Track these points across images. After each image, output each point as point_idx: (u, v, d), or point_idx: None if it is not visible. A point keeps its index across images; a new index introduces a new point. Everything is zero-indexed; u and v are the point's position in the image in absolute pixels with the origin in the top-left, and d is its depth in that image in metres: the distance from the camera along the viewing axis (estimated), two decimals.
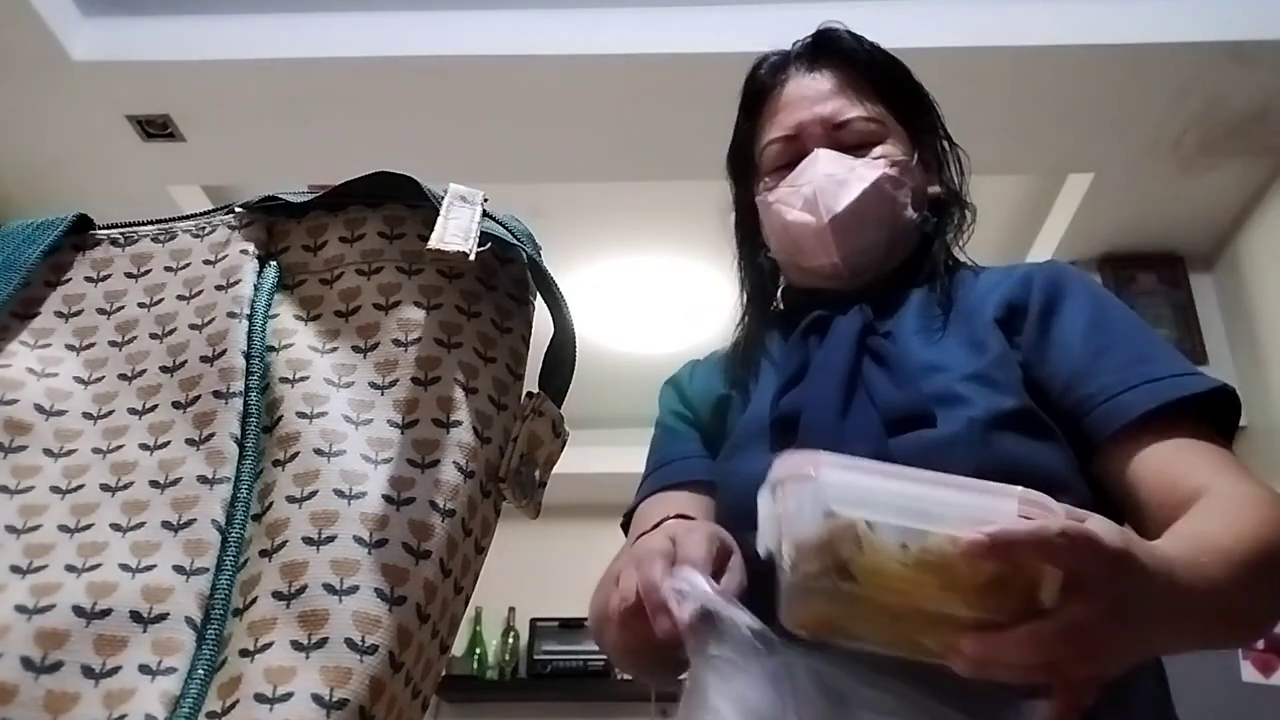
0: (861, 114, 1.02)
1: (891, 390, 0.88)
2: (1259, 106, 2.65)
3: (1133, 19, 2.49)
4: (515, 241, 0.55)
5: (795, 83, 1.05)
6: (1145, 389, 0.84)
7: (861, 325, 0.94)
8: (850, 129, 1.01)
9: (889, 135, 1.02)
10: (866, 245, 0.99)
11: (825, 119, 1.01)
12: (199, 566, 0.45)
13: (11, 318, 0.54)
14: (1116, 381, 0.85)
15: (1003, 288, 0.96)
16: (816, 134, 1.01)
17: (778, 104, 1.05)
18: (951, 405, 0.85)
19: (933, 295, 0.98)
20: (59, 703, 0.41)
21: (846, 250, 0.98)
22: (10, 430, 0.49)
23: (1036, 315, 0.92)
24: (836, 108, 1.02)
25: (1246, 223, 3.09)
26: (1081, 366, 0.88)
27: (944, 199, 1.06)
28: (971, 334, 0.92)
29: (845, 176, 0.98)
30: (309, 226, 0.58)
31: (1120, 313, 0.95)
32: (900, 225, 1.01)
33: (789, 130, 1.03)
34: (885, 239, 1.00)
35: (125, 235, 0.58)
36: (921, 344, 0.93)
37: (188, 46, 2.53)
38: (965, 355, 0.90)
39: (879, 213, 0.99)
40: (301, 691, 0.41)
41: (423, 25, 2.55)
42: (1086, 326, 0.91)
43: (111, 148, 2.74)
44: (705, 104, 2.60)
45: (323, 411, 0.50)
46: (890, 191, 0.99)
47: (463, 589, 0.50)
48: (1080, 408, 0.86)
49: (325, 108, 2.65)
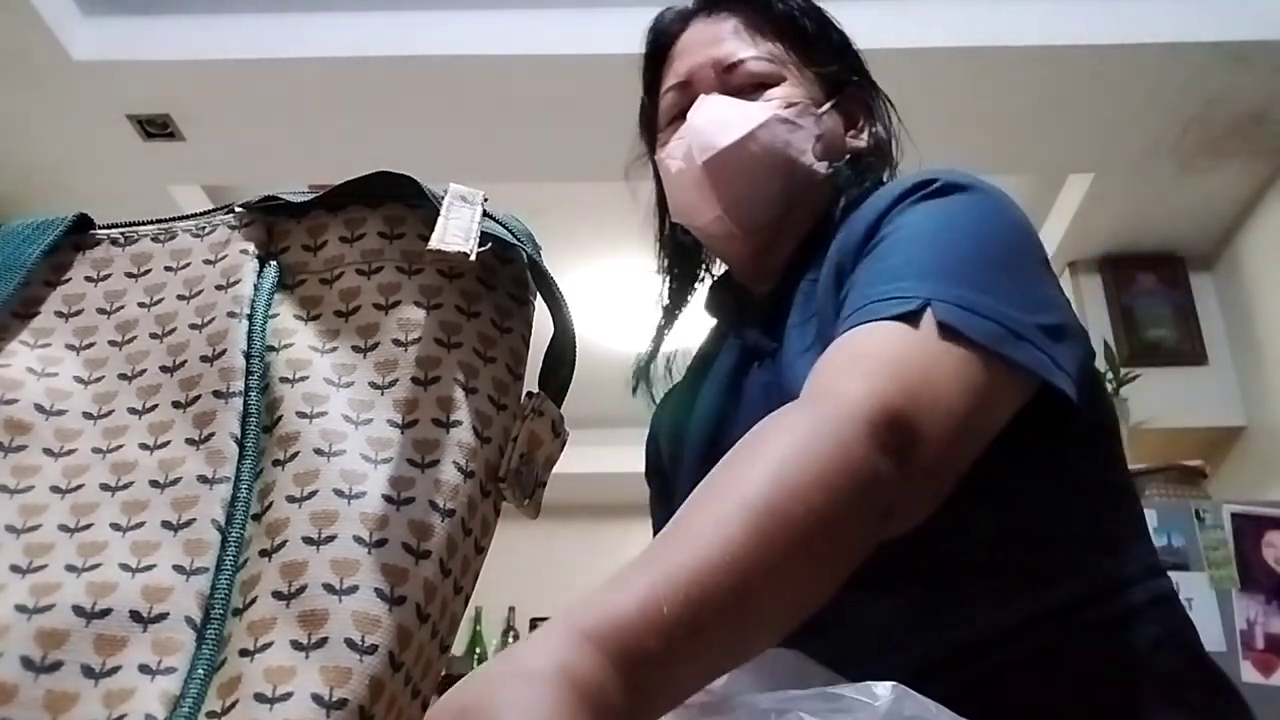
0: (755, 54, 0.93)
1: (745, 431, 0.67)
2: (1259, 107, 2.65)
3: (1133, 19, 2.49)
4: (515, 241, 0.55)
5: (693, 29, 0.98)
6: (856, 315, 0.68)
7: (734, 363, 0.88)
8: (742, 70, 0.92)
9: (789, 78, 0.93)
10: (755, 195, 0.88)
11: (717, 61, 0.93)
12: (199, 566, 0.45)
13: (11, 317, 0.54)
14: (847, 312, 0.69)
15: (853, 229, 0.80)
16: (708, 78, 0.93)
17: (675, 52, 0.98)
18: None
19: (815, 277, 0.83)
20: (59, 702, 0.41)
21: (729, 199, 0.88)
22: (10, 430, 0.49)
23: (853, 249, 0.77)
24: (730, 49, 0.93)
25: (1246, 223, 3.09)
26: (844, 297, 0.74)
27: (865, 154, 0.95)
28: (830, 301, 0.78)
29: (727, 119, 0.89)
30: (309, 226, 0.58)
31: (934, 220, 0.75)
32: (800, 174, 0.89)
33: (681, 77, 0.95)
34: (779, 189, 0.89)
35: (125, 235, 0.58)
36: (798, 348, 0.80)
37: (188, 46, 2.54)
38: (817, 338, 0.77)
39: (768, 158, 0.88)
40: (301, 691, 0.41)
41: (423, 25, 2.55)
42: (878, 247, 0.75)
43: (111, 148, 2.74)
44: None
45: (323, 411, 0.50)
46: (783, 134, 0.89)
47: (463, 589, 0.50)
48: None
49: (325, 108, 2.65)
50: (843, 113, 0.96)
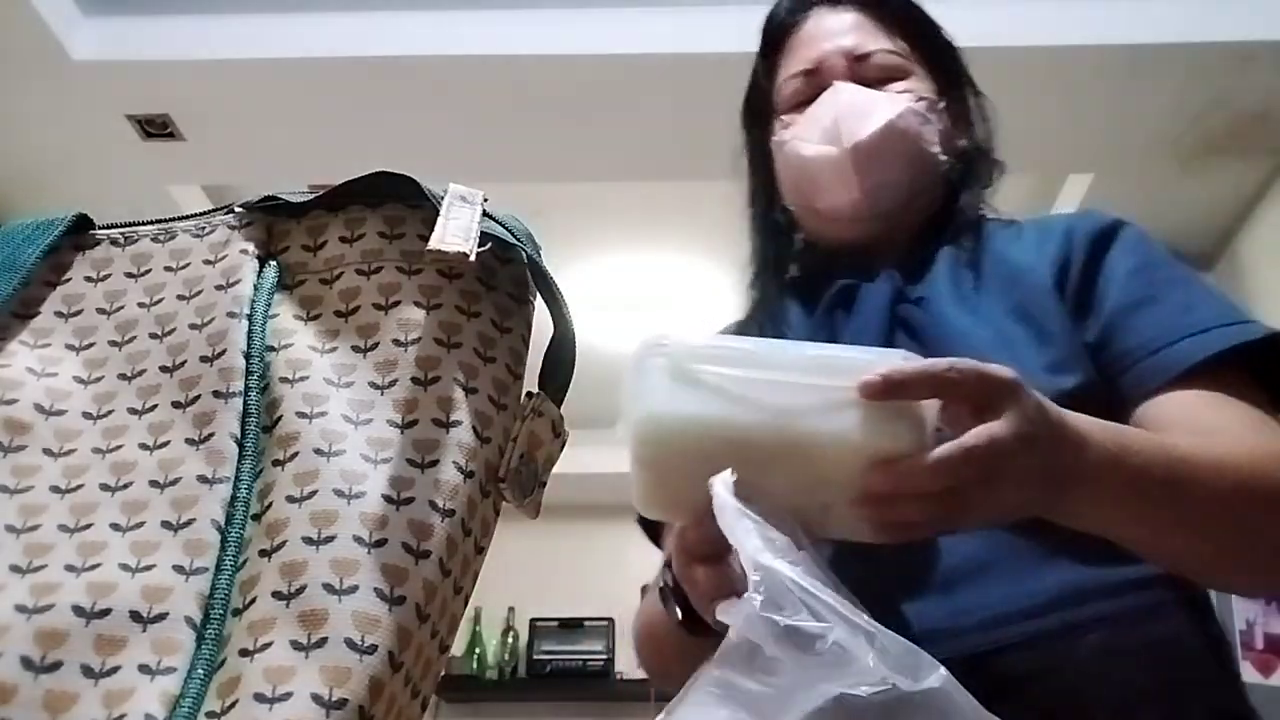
0: (886, 47, 0.97)
1: None
2: (1259, 107, 2.65)
3: (1133, 19, 2.49)
4: (515, 241, 0.55)
5: (816, 18, 1.00)
6: (1190, 342, 0.77)
7: (891, 294, 0.88)
8: (873, 62, 0.96)
9: (913, 73, 0.97)
10: (890, 181, 0.93)
11: (847, 51, 0.96)
12: (198, 566, 0.45)
13: (11, 317, 0.54)
14: (1158, 335, 0.78)
15: (1051, 245, 0.89)
16: (838, 67, 0.96)
17: (798, 39, 1.00)
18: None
19: (962, 253, 0.92)
20: (58, 702, 0.41)
21: (869, 184, 0.92)
22: (10, 430, 0.49)
23: (1079, 269, 0.86)
24: (859, 40, 0.97)
25: (1246, 223, 3.10)
26: (1119, 319, 0.81)
27: (972, 153, 1.00)
28: (1020, 301, 0.85)
29: (869, 107, 0.93)
30: (309, 226, 0.58)
31: (1164, 258, 0.86)
32: (926, 166, 0.94)
33: (809, 64, 0.97)
34: (909, 178, 0.94)
35: (125, 235, 0.58)
36: (957, 309, 0.87)
37: (188, 46, 2.54)
38: (1014, 326, 0.84)
39: (904, 146, 0.92)
40: (301, 691, 0.41)
41: (423, 25, 2.55)
42: (1127, 275, 0.84)
43: (111, 148, 2.74)
44: (706, 104, 2.60)
45: (322, 411, 0.50)
46: (916, 126, 0.93)
47: (462, 589, 0.50)
48: (1118, 364, 0.80)
49: (325, 108, 2.65)
50: (950, 113, 1.00)
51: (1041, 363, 0.80)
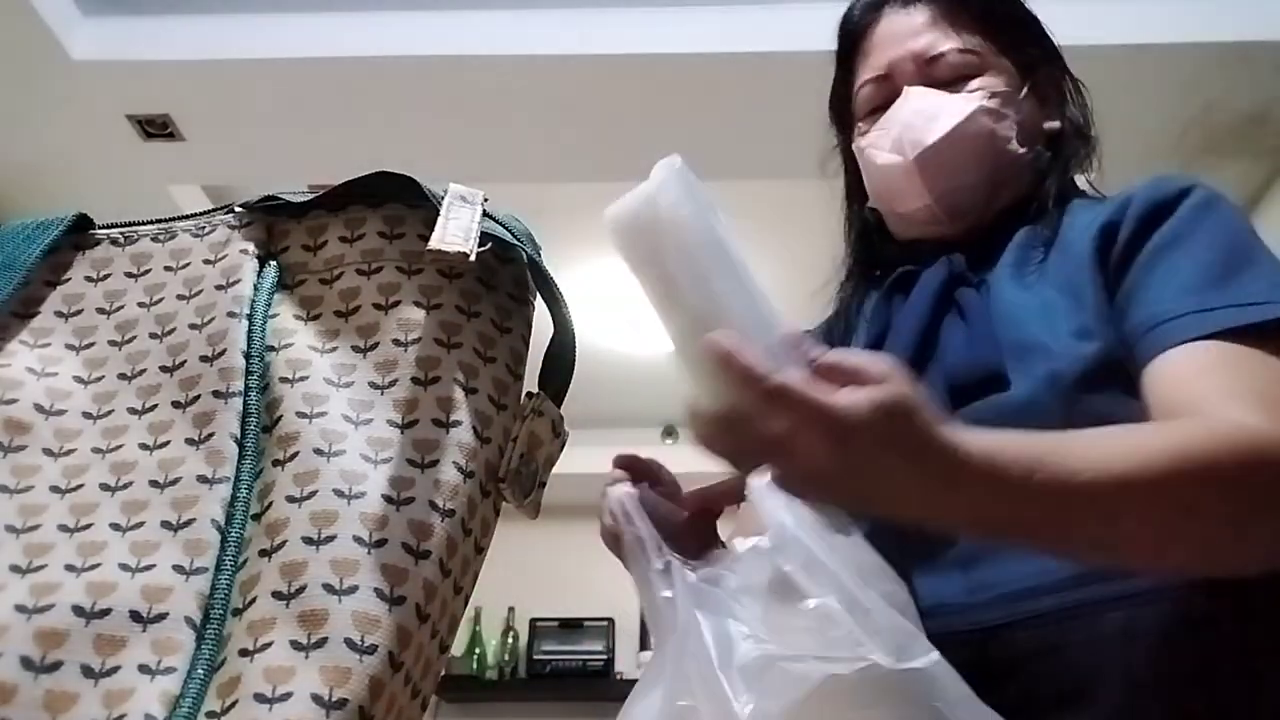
0: (956, 45, 0.96)
1: (962, 350, 0.81)
2: (1259, 107, 2.65)
3: (1133, 19, 2.49)
4: (515, 241, 0.55)
5: (887, 20, 1.00)
6: (1191, 319, 0.73)
7: (946, 277, 0.87)
8: (944, 63, 0.95)
9: (989, 68, 0.96)
10: (963, 184, 0.93)
11: (917, 54, 0.96)
12: (198, 566, 0.45)
13: (11, 317, 0.54)
14: (1166, 309, 0.75)
15: (1104, 212, 0.86)
16: (909, 71, 0.96)
17: (870, 44, 1.00)
18: (1029, 356, 0.78)
19: (1037, 230, 0.90)
20: (58, 702, 0.41)
21: (939, 190, 0.92)
22: (10, 430, 0.49)
23: (1125, 240, 0.82)
24: (929, 41, 0.96)
25: None
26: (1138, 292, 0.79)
27: (1064, 133, 0.98)
28: (1067, 269, 0.84)
29: (935, 111, 0.93)
30: (309, 226, 0.58)
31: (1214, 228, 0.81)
32: (1005, 161, 0.94)
33: (880, 70, 0.98)
34: (985, 177, 0.93)
35: (125, 235, 0.58)
36: (1014, 285, 0.86)
37: (188, 46, 2.53)
38: (1060, 296, 0.82)
39: (975, 147, 0.92)
40: (301, 691, 0.41)
41: (423, 25, 2.55)
42: (1162, 246, 0.80)
43: (111, 148, 2.74)
44: (706, 104, 2.61)
45: (322, 411, 0.50)
46: (989, 124, 0.93)
47: (462, 589, 0.50)
48: (1129, 340, 0.77)
49: (325, 108, 2.65)
50: (1037, 96, 0.98)
51: (1071, 328, 0.79)
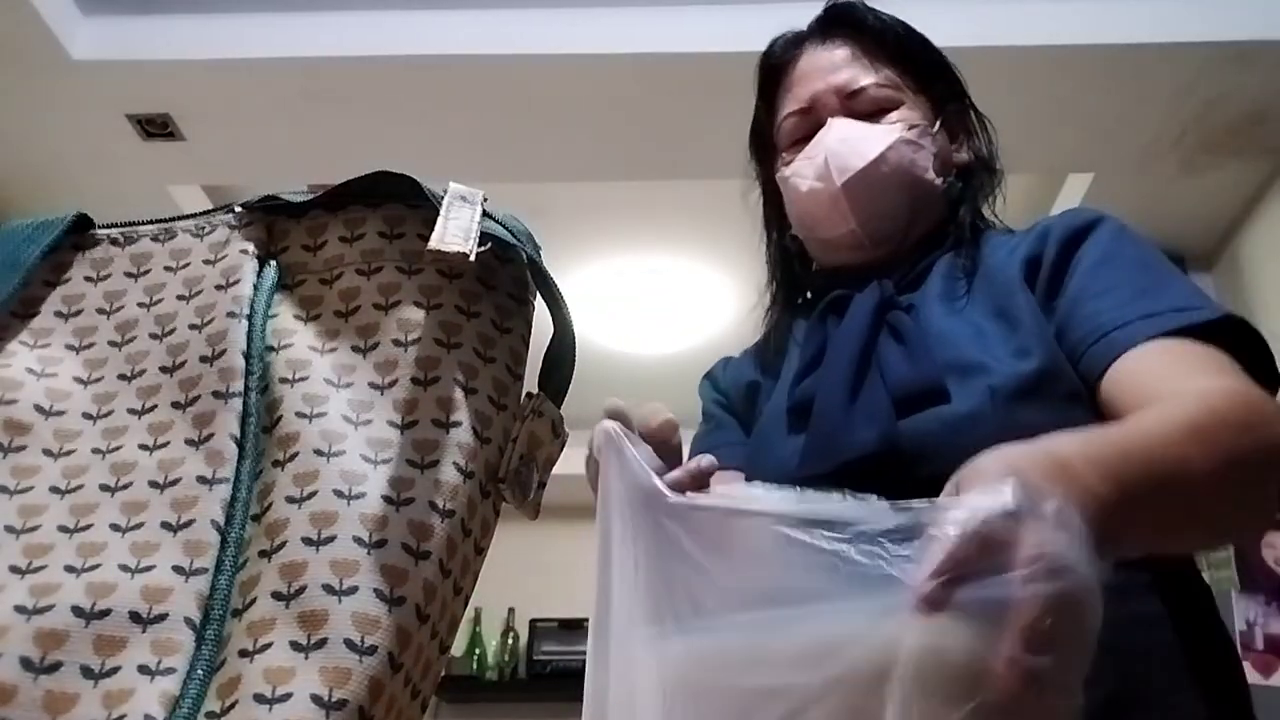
0: (876, 80, 1.00)
1: (904, 365, 0.85)
2: (1259, 107, 2.65)
3: (1133, 19, 2.49)
4: (515, 241, 0.54)
5: (809, 56, 1.03)
6: (1140, 324, 0.78)
7: (878, 300, 0.91)
8: (865, 96, 0.99)
9: (905, 102, 1.00)
10: (885, 210, 0.97)
11: (839, 88, 1.00)
12: (198, 567, 0.45)
13: (11, 317, 0.54)
14: (1111, 319, 0.80)
15: (1025, 244, 0.92)
16: (831, 104, 1.00)
17: (792, 79, 1.04)
18: (969, 375, 0.81)
19: (958, 260, 0.95)
20: (58, 703, 0.41)
21: (863, 215, 0.96)
22: (10, 430, 0.49)
23: (1050, 264, 0.88)
24: (850, 76, 1.00)
25: (1246, 223, 3.09)
26: (1078, 308, 0.83)
27: (972, 166, 1.03)
28: (996, 298, 0.88)
29: (860, 140, 0.96)
30: (309, 226, 0.58)
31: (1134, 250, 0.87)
32: (922, 190, 0.98)
33: (803, 103, 1.01)
34: (906, 204, 0.97)
35: (125, 235, 0.58)
36: (943, 311, 0.90)
37: (188, 46, 2.53)
38: (991, 323, 0.87)
39: (897, 177, 0.96)
40: (300, 692, 0.41)
41: (424, 25, 2.54)
42: (1092, 266, 0.85)
43: (111, 148, 2.74)
44: (706, 103, 2.60)
45: (322, 412, 0.50)
46: (909, 154, 0.97)
47: (462, 589, 0.50)
48: (1075, 351, 0.81)
49: (325, 108, 2.65)
50: (948, 130, 1.04)
51: (1009, 350, 0.83)
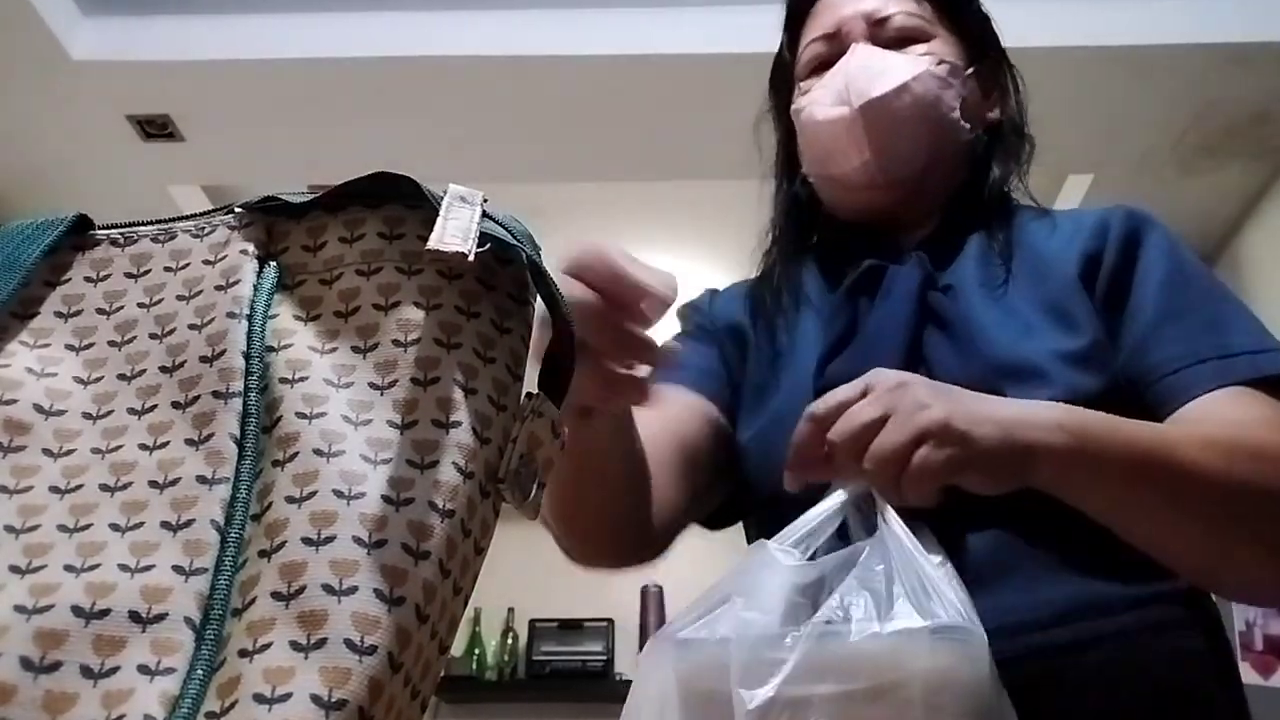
0: (906, 9, 0.95)
1: (953, 362, 0.81)
2: (1259, 108, 2.65)
3: (1133, 20, 2.49)
4: (515, 242, 0.54)
5: None
6: (1214, 365, 0.78)
7: (921, 280, 0.86)
8: (893, 24, 0.95)
9: (937, 37, 0.95)
10: (903, 146, 0.91)
11: (867, 14, 0.95)
12: (198, 567, 0.45)
13: (11, 318, 0.54)
14: (1185, 352, 0.79)
15: (1080, 239, 0.87)
16: (858, 29, 0.95)
17: (820, 7, 1.00)
18: (1024, 380, 0.78)
19: (993, 241, 0.89)
20: (58, 703, 0.41)
21: (879, 145, 0.89)
22: (9, 430, 0.49)
23: (1112, 268, 0.85)
24: (880, 3, 0.96)
25: (1246, 223, 3.10)
26: (1149, 331, 0.81)
27: (1002, 126, 0.98)
28: (1047, 291, 0.84)
29: (883, 67, 0.91)
30: (309, 227, 0.58)
31: (1193, 268, 0.86)
32: (945, 132, 0.92)
33: (829, 28, 0.97)
34: (925, 143, 0.92)
35: (125, 235, 0.58)
36: (986, 301, 0.85)
37: (188, 46, 2.54)
38: (1040, 317, 0.83)
39: (919, 110, 0.90)
40: (300, 692, 0.41)
41: (422, 25, 2.55)
42: (1159, 286, 0.83)
43: (111, 148, 2.74)
44: (706, 103, 2.61)
45: (322, 412, 0.50)
46: (935, 89, 0.91)
47: (462, 590, 0.50)
48: (1145, 378, 0.80)
49: (325, 108, 2.65)
50: (980, 82, 0.98)
51: (1065, 354, 0.79)
